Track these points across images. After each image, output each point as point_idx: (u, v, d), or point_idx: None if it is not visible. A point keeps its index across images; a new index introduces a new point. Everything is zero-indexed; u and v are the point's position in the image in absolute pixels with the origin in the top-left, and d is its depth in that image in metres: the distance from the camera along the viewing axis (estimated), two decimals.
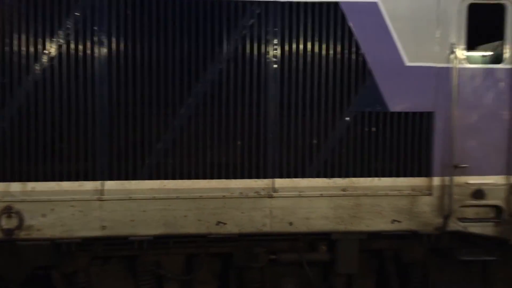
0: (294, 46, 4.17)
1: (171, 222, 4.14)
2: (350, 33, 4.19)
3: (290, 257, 4.45)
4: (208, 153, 4.14)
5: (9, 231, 3.94)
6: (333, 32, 4.19)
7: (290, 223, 4.22)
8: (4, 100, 3.91)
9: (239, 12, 4.13)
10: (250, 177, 4.17)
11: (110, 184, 4.06)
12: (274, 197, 4.19)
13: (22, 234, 3.98)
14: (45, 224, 3.99)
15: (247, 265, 4.45)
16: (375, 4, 4.21)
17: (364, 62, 4.20)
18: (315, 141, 4.20)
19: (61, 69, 3.96)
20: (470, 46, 4.34)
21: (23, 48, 3.91)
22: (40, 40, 3.93)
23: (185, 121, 4.11)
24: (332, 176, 4.22)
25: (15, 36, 3.89)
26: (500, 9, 4.32)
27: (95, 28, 3.97)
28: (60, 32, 3.94)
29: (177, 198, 4.12)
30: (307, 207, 4.21)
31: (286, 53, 4.17)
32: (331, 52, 4.19)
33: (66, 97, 3.98)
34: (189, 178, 4.13)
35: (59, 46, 3.95)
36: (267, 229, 4.21)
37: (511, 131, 4.34)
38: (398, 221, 4.29)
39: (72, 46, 3.96)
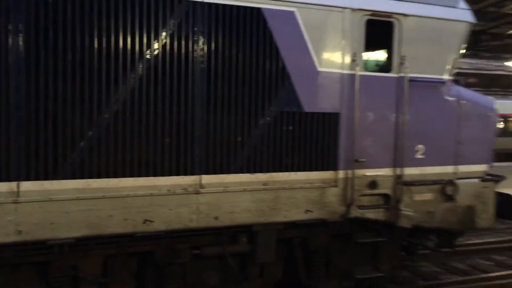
0: (220, 47, 4.32)
1: (95, 223, 3.97)
2: (271, 38, 4.50)
3: (213, 250, 4.61)
4: (135, 150, 4.06)
5: None
6: (255, 36, 4.44)
7: (216, 218, 4.37)
8: None
9: (167, 10, 4.13)
10: (178, 174, 4.21)
11: (27, 185, 3.73)
12: (201, 193, 4.30)
13: None
14: None
15: (169, 261, 4.49)
16: (292, 13, 4.58)
17: (283, 66, 4.55)
18: (239, 139, 4.42)
19: None
20: (368, 56, 4.99)
21: None
22: None
23: (111, 118, 3.97)
24: (255, 171, 4.49)
25: None
26: (389, 26, 5.06)
27: (12, 17, 3.61)
28: None
29: (103, 197, 3.96)
30: (231, 202, 4.42)
31: (213, 53, 4.30)
32: (254, 55, 4.45)
33: None
34: (115, 176, 4.01)
35: None
36: (193, 224, 4.31)
37: (396, 129, 5.11)
38: (311, 211, 4.76)
39: None
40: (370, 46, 5.01)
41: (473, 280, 6.68)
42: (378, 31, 4.99)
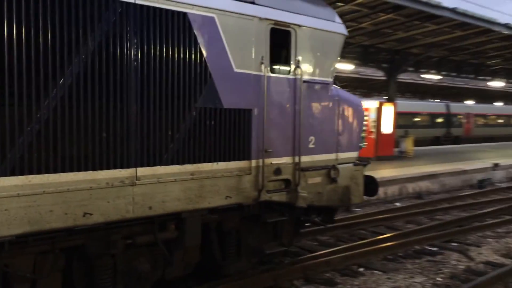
0: (151, 47, 4.61)
1: (36, 218, 3.94)
2: (196, 41, 4.94)
3: (144, 239, 4.86)
4: (74, 145, 4.13)
5: None
6: (182, 38, 4.84)
7: (150, 207, 4.66)
8: None
9: (102, 8, 4.27)
10: (115, 167, 4.39)
11: None
12: (136, 185, 4.54)
13: None
14: None
15: (101, 253, 4.62)
16: (213, 18, 5.07)
17: (206, 66, 5.03)
18: (169, 133, 4.77)
19: None
20: (273, 59, 5.75)
21: None
22: None
23: (50, 113, 3.98)
24: (183, 163, 4.89)
25: None
26: (288, 34, 5.89)
27: None
28: None
29: (44, 193, 3.96)
30: (163, 192, 4.75)
31: (145, 53, 4.57)
32: (182, 55, 4.84)
33: None
34: (55, 171, 4.03)
35: None
36: (130, 215, 4.53)
37: (294, 123, 5.97)
38: (230, 197, 5.34)
39: None
40: (275, 51, 5.76)
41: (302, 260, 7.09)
42: (280, 38, 5.78)
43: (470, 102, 41.13)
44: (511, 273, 6.68)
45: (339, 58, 6.70)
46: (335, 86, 6.65)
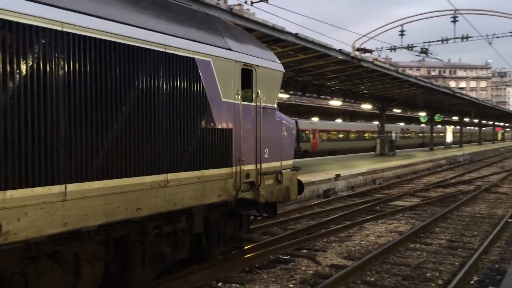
0: (176, 83, 6.18)
1: (110, 212, 5.25)
2: (200, 78, 6.61)
3: (168, 228, 6.36)
4: (132, 157, 5.51)
5: None
6: (193, 76, 6.48)
7: (174, 204, 6.15)
8: None
9: (154, 61, 5.82)
10: (156, 173, 5.85)
11: (70, 187, 4.80)
12: (167, 186, 6.05)
13: None
14: None
15: (137, 240, 5.99)
16: (209, 61, 6.82)
17: (206, 97, 6.73)
18: (185, 147, 6.34)
19: None
20: (244, 91, 7.64)
21: None
22: None
23: (118, 135, 5.31)
24: (193, 170, 6.50)
25: None
26: (251, 72, 7.83)
27: None
28: None
29: (115, 193, 5.30)
30: (182, 192, 6.27)
31: (173, 88, 6.13)
32: (193, 89, 6.47)
33: None
34: (121, 177, 5.35)
35: None
36: (163, 209, 5.99)
37: (256, 139, 7.88)
38: (220, 195, 7.07)
39: None
40: (245, 85, 7.67)
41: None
42: (246, 75, 7.72)
43: (315, 119, 43.55)
44: (352, 273, 7.31)
45: (281, 89, 8.86)
46: (278, 110, 8.77)
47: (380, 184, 19.41)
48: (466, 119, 59.11)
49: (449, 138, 52.55)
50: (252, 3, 16.85)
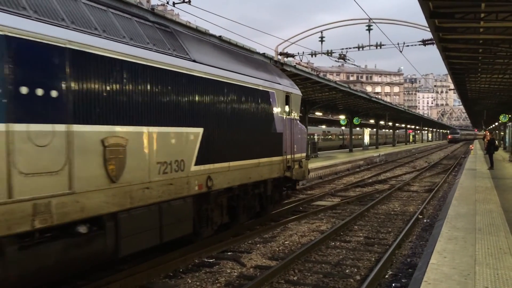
0: (258, 106, 11.05)
1: (235, 179, 9.29)
2: (271, 102, 11.10)
3: (256, 191, 10.65)
4: (244, 149, 9.49)
5: None
6: (267, 101, 10.91)
7: (261, 176, 10.54)
8: None
9: (255, 95, 10.25)
10: (254, 158, 10.29)
11: (232, 163, 9.14)
12: (259, 166, 10.38)
13: None
14: None
15: (242, 197, 10.00)
16: (273, 92, 10.95)
17: (273, 113, 11.31)
18: (265, 144, 10.99)
19: None
20: (284, 109, 11.99)
21: None
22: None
23: (240, 137, 9.34)
24: (269, 157, 10.87)
25: None
26: (288, 97, 11.93)
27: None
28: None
29: (235, 169, 9.19)
30: (259, 171, 10.42)
31: (256, 108, 10.43)
32: (269, 109, 11.48)
33: None
34: (239, 160, 9.26)
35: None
36: (257, 179, 10.61)
37: (291, 139, 12.07)
38: (277, 173, 11.22)
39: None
40: (287, 105, 11.83)
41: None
42: (287, 99, 11.82)
43: None
44: (276, 273, 7.41)
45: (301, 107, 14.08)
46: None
47: (304, 185, 19.96)
48: (382, 122, 62.76)
49: (366, 140, 55.46)
50: (174, 4, 16.65)
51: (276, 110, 10.88)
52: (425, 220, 12.39)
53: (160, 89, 6.79)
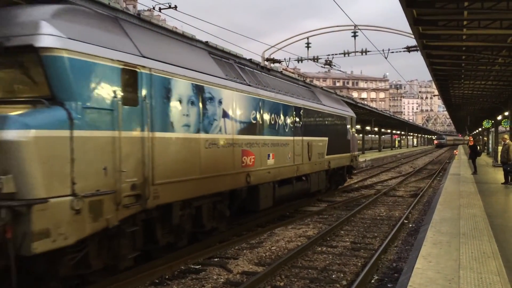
0: (340, 125, 18.95)
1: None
2: (346, 124, 19.75)
3: (338, 171, 18.82)
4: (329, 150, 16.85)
5: None
6: (344, 123, 20.40)
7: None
8: None
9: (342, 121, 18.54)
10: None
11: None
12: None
13: None
14: None
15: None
16: (348, 117, 19.53)
17: (347, 129, 21.19)
18: (340, 146, 18.98)
19: None
20: (351, 125, 20.89)
21: None
22: None
23: (325, 142, 15.85)
24: (342, 153, 18.58)
25: None
26: (352, 118, 21.58)
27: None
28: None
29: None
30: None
31: (339, 127, 19.39)
32: (346, 127, 20.59)
33: None
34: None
35: None
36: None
37: (352, 142, 20.09)
38: (345, 163, 18.92)
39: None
40: (351, 123, 20.37)
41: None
42: (347, 120, 19.63)
43: None
44: (263, 279, 7.40)
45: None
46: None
47: None
48: (368, 128, 63.31)
49: None
50: (160, 9, 16.62)
51: (347, 126, 19.16)
52: (410, 225, 12.51)
53: (314, 120, 15.36)
